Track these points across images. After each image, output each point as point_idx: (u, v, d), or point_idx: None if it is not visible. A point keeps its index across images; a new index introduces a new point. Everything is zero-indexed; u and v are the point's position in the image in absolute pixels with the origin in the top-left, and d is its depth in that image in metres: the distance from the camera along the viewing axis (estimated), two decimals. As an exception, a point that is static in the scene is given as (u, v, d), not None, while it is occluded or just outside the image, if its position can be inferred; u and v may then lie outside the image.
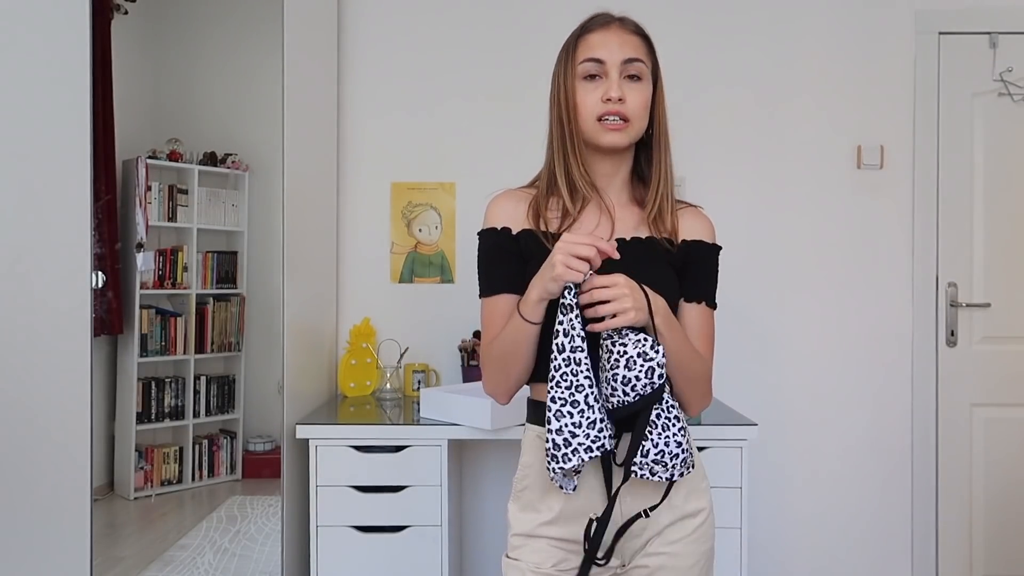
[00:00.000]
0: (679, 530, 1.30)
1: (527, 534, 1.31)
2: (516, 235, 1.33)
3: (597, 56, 1.28)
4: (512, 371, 1.29)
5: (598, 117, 1.28)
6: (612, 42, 1.29)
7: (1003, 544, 2.88)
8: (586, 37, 1.31)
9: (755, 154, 2.88)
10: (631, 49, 1.29)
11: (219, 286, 3.25)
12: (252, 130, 3.19)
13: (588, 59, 1.29)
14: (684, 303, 1.33)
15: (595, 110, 1.28)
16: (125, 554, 2.75)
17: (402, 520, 2.21)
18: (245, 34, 3.18)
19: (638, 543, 1.30)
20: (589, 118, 1.28)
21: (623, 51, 1.28)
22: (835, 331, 2.87)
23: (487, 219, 1.35)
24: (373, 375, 2.76)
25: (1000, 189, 2.87)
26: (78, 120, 2.08)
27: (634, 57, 1.29)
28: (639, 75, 1.30)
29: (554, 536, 1.30)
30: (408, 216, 2.88)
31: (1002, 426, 2.88)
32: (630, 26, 1.32)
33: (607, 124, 1.27)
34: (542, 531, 1.30)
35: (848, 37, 2.87)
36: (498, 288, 1.32)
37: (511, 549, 1.34)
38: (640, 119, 1.30)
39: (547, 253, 1.23)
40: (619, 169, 1.36)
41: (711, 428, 2.16)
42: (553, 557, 1.30)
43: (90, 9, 2.10)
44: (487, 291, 1.33)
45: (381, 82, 2.89)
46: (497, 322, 1.31)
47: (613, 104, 1.27)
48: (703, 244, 1.37)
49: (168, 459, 3.13)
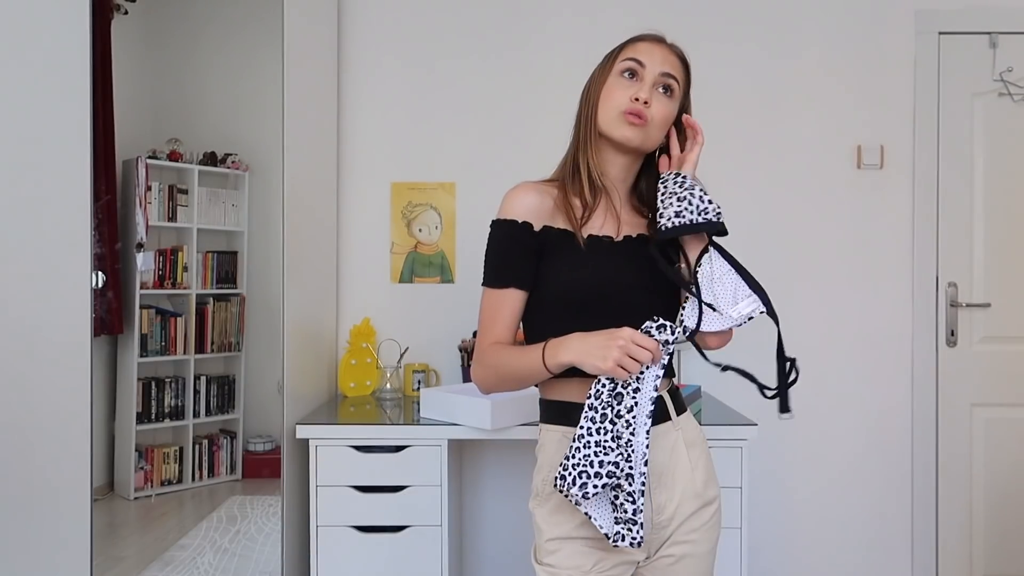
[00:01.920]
0: (699, 518, 1.34)
1: (563, 537, 1.30)
2: (538, 232, 1.32)
3: (640, 58, 1.34)
4: (511, 388, 1.32)
5: (622, 111, 1.32)
6: (657, 53, 1.35)
7: (1003, 544, 2.88)
8: (635, 43, 1.37)
9: (755, 154, 2.88)
10: (672, 66, 1.36)
11: (219, 286, 3.25)
12: (252, 130, 3.19)
13: (631, 58, 1.35)
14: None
15: (622, 104, 1.32)
16: (125, 554, 2.75)
17: (402, 520, 2.21)
18: (245, 34, 3.18)
19: (665, 534, 1.33)
20: (614, 110, 1.33)
21: (664, 64, 1.34)
22: (835, 331, 2.87)
23: (505, 209, 1.34)
24: (373, 375, 2.76)
25: (1000, 189, 2.87)
26: (78, 120, 2.08)
27: (671, 73, 1.35)
28: (671, 90, 1.35)
29: (590, 536, 1.29)
30: (408, 216, 2.88)
31: (1002, 426, 2.88)
32: (676, 50, 1.39)
33: (627, 117, 1.31)
34: (579, 532, 1.29)
35: (848, 37, 2.87)
36: (507, 281, 1.32)
37: (545, 555, 1.31)
38: (658, 128, 1.35)
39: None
40: (627, 175, 1.40)
41: (711, 428, 2.16)
42: (592, 558, 1.29)
43: (90, 9, 2.10)
44: (494, 282, 1.33)
45: (381, 82, 2.89)
46: (500, 317, 1.32)
47: (639, 105, 1.31)
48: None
49: (168, 459, 3.13)
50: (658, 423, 1.33)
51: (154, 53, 3.19)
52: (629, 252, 1.34)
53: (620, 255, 1.33)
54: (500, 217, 1.35)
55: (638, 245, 1.36)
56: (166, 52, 3.20)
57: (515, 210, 1.33)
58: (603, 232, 1.35)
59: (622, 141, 1.33)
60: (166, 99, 3.19)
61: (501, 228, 1.34)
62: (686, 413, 1.41)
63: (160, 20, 3.18)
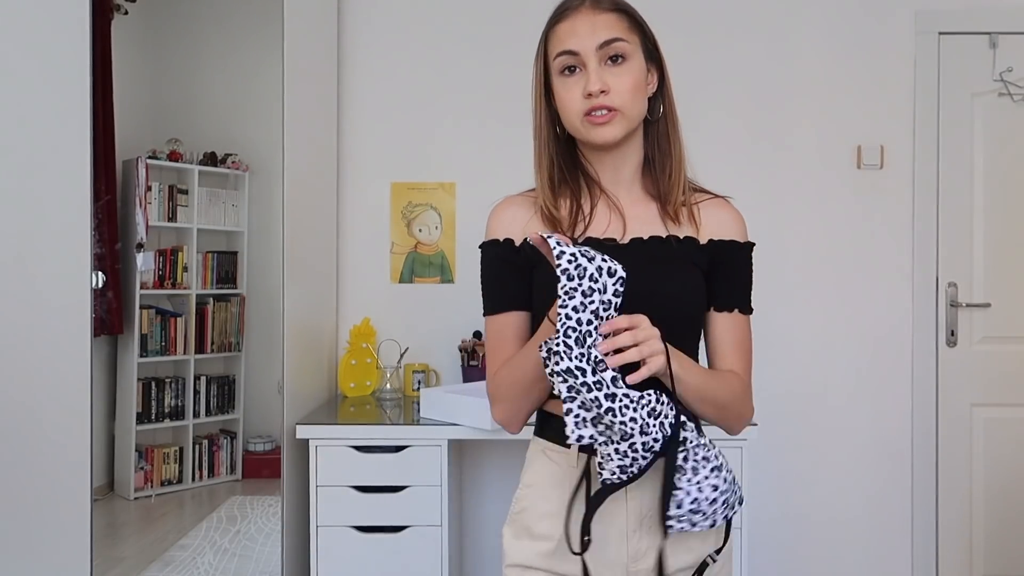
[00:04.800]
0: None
1: (523, 565, 1.16)
2: (520, 245, 1.19)
3: (569, 48, 1.13)
4: (535, 395, 1.14)
5: (584, 113, 1.13)
6: (582, 28, 1.13)
7: (1003, 544, 2.88)
8: (555, 29, 1.17)
9: (755, 154, 2.88)
10: (606, 30, 1.13)
11: (219, 286, 3.25)
12: (252, 130, 3.19)
13: (561, 52, 1.14)
14: (714, 312, 1.19)
15: (579, 108, 1.14)
16: (125, 554, 2.75)
17: (402, 520, 2.21)
18: (245, 34, 3.18)
19: None
20: (574, 118, 1.15)
21: (596, 35, 1.12)
22: (835, 331, 2.87)
23: (488, 230, 1.23)
24: (373, 375, 2.76)
25: (1000, 189, 2.87)
26: (78, 120, 2.08)
27: (611, 38, 1.13)
28: (622, 55, 1.13)
29: (556, 571, 1.14)
30: (408, 216, 2.88)
31: (1002, 426, 2.88)
32: (604, 3, 1.15)
33: (594, 119, 1.13)
34: (541, 563, 1.15)
35: (848, 37, 2.87)
36: (503, 306, 1.19)
37: None
38: (632, 105, 1.14)
39: None
40: (624, 162, 1.21)
41: (711, 428, 2.16)
42: None
43: (90, 9, 2.10)
44: (491, 309, 1.21)
45: (381, 82, 2.89)
46: (506, 345, 1.18)
47: (596, 98, 1.12)
48: (733, 244, 1.21)
49: (168, 459, 3.13)
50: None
51: (154, 53, 3.20)
52: (637, 256, 1.14)
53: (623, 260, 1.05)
54: (485, 239, 1.23)
55: (649, 248, 1.17)
56: (166, 52, 3.20)
57: (496, 229, 1.21)
58: (606, 235, 1.18)
59: (603, 143, 1.15)
60: (166, 99, 3.19)
61: (486, 252, 1.22)
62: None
63: (160, 20, 3.19)
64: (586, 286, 0.97)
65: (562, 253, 0.97)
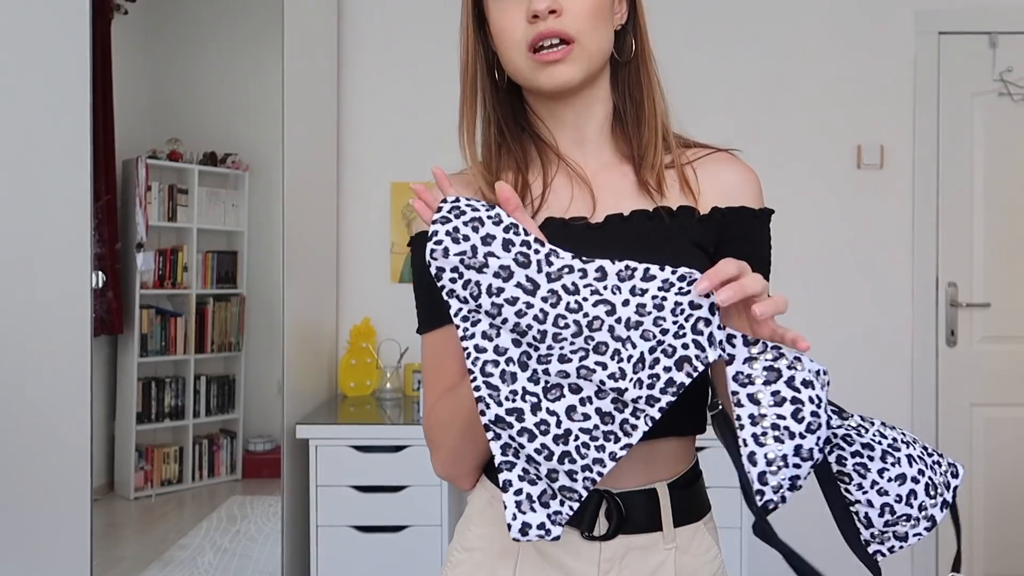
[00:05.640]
0: None
1: None
2: None
3: None
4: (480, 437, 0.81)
5: (529, 47, 0.83)
6: None
7: (1003, 544, 2.88)
8: None
9: (755, 154, 2.86)
10: None
11: (219, 286, 3.25)
12: (252, 130, 3.19)
13: None
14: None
15: (521, 38, 0.83)
16: (125, 554, 2.75)
17: (402, 520, 2.21)
18: (245, 34, 3.18)
19: None
20: (516, 54, 0.84)
21: None
22: (835, 331, 2.87)
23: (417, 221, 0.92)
24: (373, 375, 2.76)
25: (1000, 189, 2.87)
26: (78, 120, 2.08)
27: None
28: None
29: None
30: (408, 216, 2.88)
31: (1002, 426, 2.87)
32: None
33: (543, 56, 0.82)
34: None
35: (848, 37, 2.87)
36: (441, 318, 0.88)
37: None
38: (592, 33, 0.83)
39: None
40: (587, 116, 0.90)
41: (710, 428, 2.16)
42: None
43: (90, 9, 2.10)
44: (427, 324, 0.93)
45: (381, 82, 2.88)
46: (446, 369, 0.89)
47: (544, 21, 0.81)
48: (745, 212, 0.92)
49: (168, 459, 3.13)
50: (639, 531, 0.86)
51: (154, 53, 3.20)
52: (616, 240, 0.85)
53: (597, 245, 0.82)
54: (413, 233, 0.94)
55: (632, 227, 0.86)
56: (166, 52, 3.20)
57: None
58: (571, 213, 0.87)
59: (556, 88, 0.85)
60: (166, 99, 3.19)
61: (417, 250, 0.91)
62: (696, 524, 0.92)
63: (160, 20, 3.19)
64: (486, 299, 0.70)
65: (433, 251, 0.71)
